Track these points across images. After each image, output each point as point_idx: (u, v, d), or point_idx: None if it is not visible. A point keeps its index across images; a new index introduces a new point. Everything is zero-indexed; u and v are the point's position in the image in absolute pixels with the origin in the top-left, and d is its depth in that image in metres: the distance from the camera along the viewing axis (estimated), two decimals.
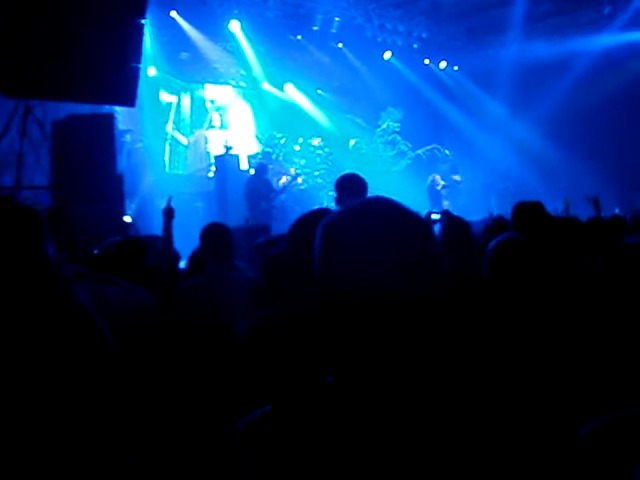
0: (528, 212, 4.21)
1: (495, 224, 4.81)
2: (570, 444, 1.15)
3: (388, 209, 1.22)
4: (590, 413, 1.39)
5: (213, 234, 4.23)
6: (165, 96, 15.58)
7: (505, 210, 8.97)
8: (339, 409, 1.12)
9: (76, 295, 0.86)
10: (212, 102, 16.60)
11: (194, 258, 4.59)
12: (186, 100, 16.20)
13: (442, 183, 15.04)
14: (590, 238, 3.02)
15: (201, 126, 16.32)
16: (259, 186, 12.72)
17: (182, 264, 5.16)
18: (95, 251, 3.63)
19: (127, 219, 8.31)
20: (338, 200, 4.85)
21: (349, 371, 1.17)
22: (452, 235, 3.91)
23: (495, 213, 8.39)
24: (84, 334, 0.84)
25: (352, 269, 1.15)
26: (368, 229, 1.17)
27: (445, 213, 7.84)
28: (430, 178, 15.14)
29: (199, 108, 16.41)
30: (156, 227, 11.43)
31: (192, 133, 16.13)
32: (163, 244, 4.62)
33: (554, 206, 9.09)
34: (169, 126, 15.68)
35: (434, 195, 14.73)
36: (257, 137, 16.65)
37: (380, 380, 1.13)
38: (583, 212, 6.93)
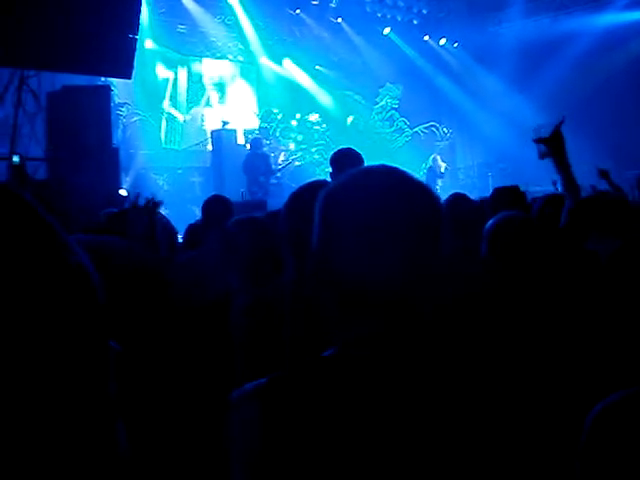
0: (506, 196, 4.21)
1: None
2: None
3: (394, 179, 1.16)
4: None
5: (216, 206, 4.18)
6: (162, 71, 15.44)
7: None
8: (335, 384, 1.10)
9: (71, 248, 0.82)
10: (210, 78, 16.48)
11: (191, 232, 4.55)
12: (183, 75, 16.05)
13: (444, 165, 14.99)
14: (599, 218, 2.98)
15: (198, 103, 16.20)
16: (257, 161, 12.68)
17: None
18: (91, 223, 3.58)
19: (123, 192, 8.27)
20: (334, 176, 4.82)
21: (343, 349, 1.14)
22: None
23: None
24: (72, 282, 0.81)
25: (352, 247, 1.11)
26: (371, 202, 1.11)
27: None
28: (431, 159, 15.06)
29: (196, 84, 16.28)
30: None
31: (189, 110, 16.01)
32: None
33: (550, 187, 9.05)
34: (166, 102, 15.55)
35: (431, 175, 14.66)
36: (254, 112, 16.55)
37: (376, 359, 1.11)
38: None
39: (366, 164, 4.67)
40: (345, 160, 4.74)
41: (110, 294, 0.86)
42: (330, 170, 4.96)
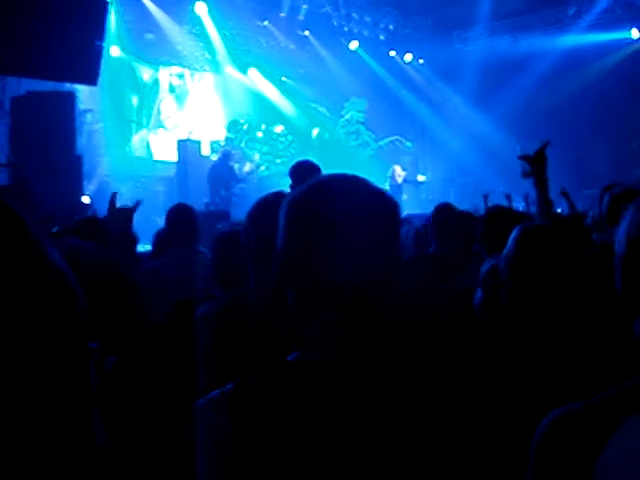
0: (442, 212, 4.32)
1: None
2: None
3: (356, 184, 1.21)
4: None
5: (180, 215, 4.19)
6: (128, 78, 15.34)
7: (463, 206, 9.05)
8: (297, 388, 1.13)
9: (47, 250, 0.84)
10: (176, 87, 16.43)
11: (159, 240, 4.55)
12: (149, 83, 15.97)
13: (402, 174, 15.04)
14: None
15: (162, 112, 16.14)
16: (222, 172, 12.66)
17: (140, 247, 5.10)
18: (53, 229, 3.56)
19: (85, 199, 8.20)
20: (293, 187, 4.86)
21: (306, 354, 1.17)
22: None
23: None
24: (53, 287, 0.83)
25: (317, 249, 1.14)
26: (336, 206, 1.15)
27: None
28: (391, 169, 15.14)
29: (161, 92, 16.20)
30: None
31: (154, 118, 15.92)
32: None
33: (517, 204, 9.19)
34: (130, 110, 15.45)
35: (394, 187, 14.73)
36: (220, 123, 16.52)
37: (337, 363, 1.14)
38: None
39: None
40: (304, 172, 4.79)
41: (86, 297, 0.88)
42: (289, 181, 5.00)
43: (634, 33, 14.68)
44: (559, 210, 7.30)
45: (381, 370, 1.15)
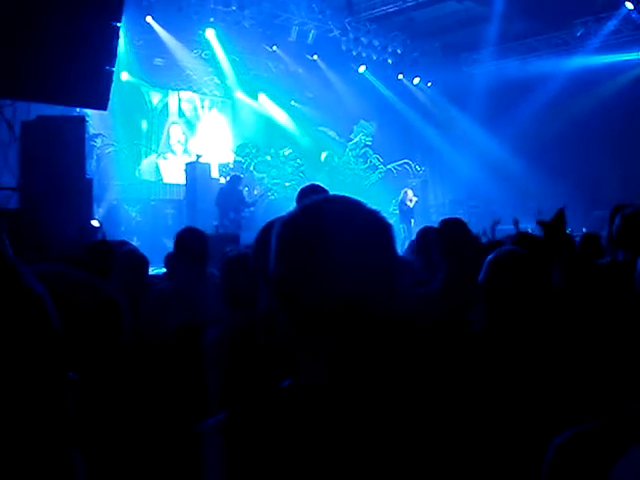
0: (452, 228, 4.23)
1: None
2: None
3: (348, 206, 1.20)
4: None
5: (189, 238, 4.18)
6: (137, 103, 15.48)
7: (473, 227, 9.00)
8: (289, 416, 1.12)
9: (24, 277, 0.82)
10: (186, 111, 16.56)
11: (170, 262, 4.56)
12: (158, 107, 16.10)
13: (414, 199, 15.06)
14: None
15: (172, 136, 16.25)
16: (231, 196, 12.70)
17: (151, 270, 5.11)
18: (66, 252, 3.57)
19: (95, 223, 8.23)
20: None
21: (303, 376, 1.16)
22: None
23: None
24: (28, 316, 0.81)
25: (307, 270, 1.13)
26: (327, 227, 1.14)
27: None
28: (402, 193, 15.14)
29: (171, 116, 16.33)
30: (124, 232, 11.38)
31: (163, 142, 16.04)
32: None
33: (524, 224, 9.17)
34: (140, 134, 15.57)
35: (405, 211, 14.72)
36: (229, 146, 16.61)
37: (329, 389, 1.12)
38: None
39: None
40: (310, 194, 4.79)
41: (66, 326, 0.86)
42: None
43: None
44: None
45: (380, 393, 1.13)
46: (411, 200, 14.91)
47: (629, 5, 13.55)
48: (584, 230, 9.78)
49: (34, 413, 0.76)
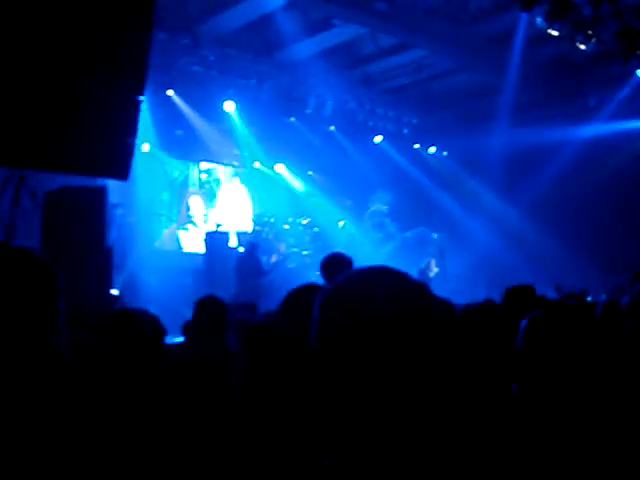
0: (520, 295, 4.19)
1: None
2: None
3: (390, 278, 1.20)
4: None
5: (209, 307, 4.19)
6: (157, 173, 15.72)
7: (492, 295, 8.96)
8: None
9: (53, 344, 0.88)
10: (204, 181, 16.79)
11: (189, 331, 4.56)
12: (178, 177, 16.34)
13: (435, 270, 15.06)
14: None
15: (189, 208, 16.44)
16: (249, 264, 12.75)
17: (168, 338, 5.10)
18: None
19: (114, 292, 8.26)
20: (325, 279, 4.85)
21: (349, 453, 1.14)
22: None
23: (483, 297, 8.38)
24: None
25: (355, 347, 1.12)
26: (375, 299, 1.14)
27: None
28: (426, 262, 15.15)
29: (190, 186, 16.55)
30: (143, 301, 11.40)
31: (182, 214, 16.21)
32: None
33: (541, 291, 9.10)
34: (159, 204, 15.77)
35: (425, 280, 14.67)
36: (247, 215, 16.76)
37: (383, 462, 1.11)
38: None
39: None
40: (335, 263, 4.80)
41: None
42: (320, 274, 4.99)
43: None
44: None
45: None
46: (432, 271, 14.93)
47: None
48: (603, 297, 9.71)
49: None
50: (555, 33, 10.33)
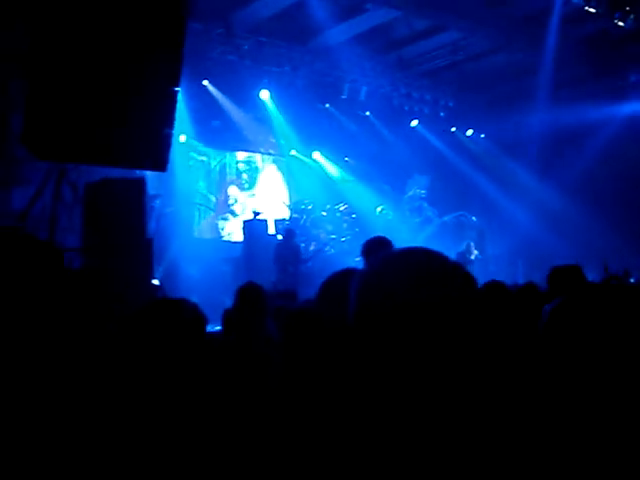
0: (566, 276, 4.09)
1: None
2: None
3: (429, 258, 1.19)
4: None
5: (249, 294, 4.23)
6: (195, 164, 15.85)
7: (532, 277, 8.86)
8: None
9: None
10: (242, 170, 16.87)
11: (229, 319, 4.60)
12: (215, 168, 16.44)
13: (475, 253, 14.97)
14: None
15: (228, 197, 16.56)
16: (287, 251, 12.79)
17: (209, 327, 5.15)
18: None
19: (155, 282, 8.37)
20: (366, 264, 4.85)
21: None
22: None
23: (522, 280, 8.31)
24: None
25: (396, 324, 1.12)
26: (410, 279, 1.14)
27: None
28: (465, 244, 15.07)
29: (228, 176, 16.66)
30: (183, 290, 11.53)
31: (220, 203, 16.32)
32: None
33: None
34: (198, 194, 15.90)
35: (465, 263, 14.58)
36: (285, 203, 16.80)
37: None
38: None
39: None
40: (376, 247, 4.79)
41: None
42: (360, 259, 4.99)
43: None
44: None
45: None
46: (472, 253, 14.84)
47: None
48: None
49: None
50: (592, 10, 10.14)
